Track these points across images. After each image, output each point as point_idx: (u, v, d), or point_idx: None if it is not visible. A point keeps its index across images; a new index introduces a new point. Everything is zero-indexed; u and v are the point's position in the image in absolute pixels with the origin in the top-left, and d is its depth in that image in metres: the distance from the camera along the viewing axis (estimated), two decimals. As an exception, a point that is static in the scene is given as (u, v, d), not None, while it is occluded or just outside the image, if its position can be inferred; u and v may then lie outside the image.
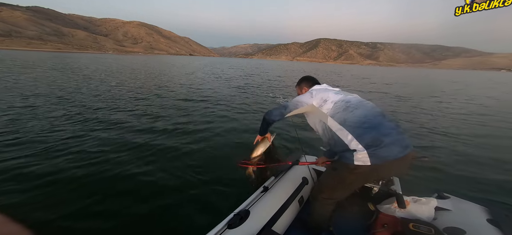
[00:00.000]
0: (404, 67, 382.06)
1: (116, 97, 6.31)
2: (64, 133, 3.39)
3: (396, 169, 1.07)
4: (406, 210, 1.28)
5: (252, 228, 1.10)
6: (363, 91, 11.20)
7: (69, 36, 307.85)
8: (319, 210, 1.25)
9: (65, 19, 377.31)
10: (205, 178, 2.36)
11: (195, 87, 9.30)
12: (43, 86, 7.44)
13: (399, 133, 1.01)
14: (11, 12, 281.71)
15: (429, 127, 4.81)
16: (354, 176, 1.05)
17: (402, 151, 0.97)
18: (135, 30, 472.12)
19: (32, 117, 4.07)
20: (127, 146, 3.05)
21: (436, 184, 2.40)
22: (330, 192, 1.18)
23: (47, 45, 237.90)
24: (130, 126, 3.94)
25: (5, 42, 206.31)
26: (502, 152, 3.48)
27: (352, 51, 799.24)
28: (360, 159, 0.99)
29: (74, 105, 5.10)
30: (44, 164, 2.47)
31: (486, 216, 1.17)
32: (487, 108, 7.51)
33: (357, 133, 1.01)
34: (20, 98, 5.46)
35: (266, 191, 1.40)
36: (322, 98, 1.16)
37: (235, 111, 5.47)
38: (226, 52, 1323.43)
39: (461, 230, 1.08)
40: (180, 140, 3.39)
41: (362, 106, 1.09)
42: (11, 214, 0.36)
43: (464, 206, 1.30)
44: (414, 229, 1.14)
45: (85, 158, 2.65)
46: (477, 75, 57.01)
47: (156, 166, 2.57)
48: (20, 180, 2.18)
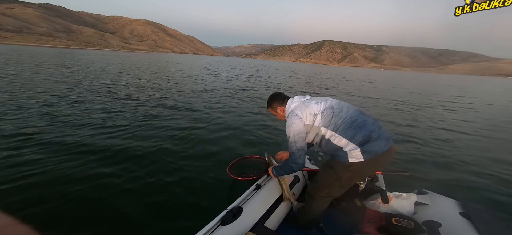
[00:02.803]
0: (409, 71, 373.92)
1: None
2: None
3: (382, 163, 1.13)
4: (389, 205, 1.37)
5: (245, 224, 1.13)
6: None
7: (77, 33, 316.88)
8: (315, 208, 1.29)
9: (75, 16, 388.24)
10: (194, 175, 2.37)
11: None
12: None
13: (380, 128, 1.11)
14: (24, 9, 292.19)
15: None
16: (350, 173, 1.12)
17: (387, 144, 1.07)
18: (141, 28, 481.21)
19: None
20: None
21: (416, 180, 2.55)
22: (327, 190, 1.22)
23: (56, 41, 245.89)
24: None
25: (15, 37, 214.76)
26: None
27: (356, 53, 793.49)
28: (354, 156, 1.07)
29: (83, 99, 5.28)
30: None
31: (459, 209, 1.28)
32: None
33: (350, 134, 1.08)
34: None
35: (258, 188, 1.43)
36: (310, 114, 1.19)
37: (222, 110, 5.32)
38: (230, 52, 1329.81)
39: (437, 223, 1.18)
40: (174, 139, 3.38)
41: (344, 109, 1.17)
42: (19, 216, 0.35)
43: (440, 201, 1.41)
44: (396, 223, 1.23)
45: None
46: (484, 81, 51.10)
47: (147, 162, 2.56)
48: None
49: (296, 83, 14.57)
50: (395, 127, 5.03)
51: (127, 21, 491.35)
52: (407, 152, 3.50)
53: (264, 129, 4.22)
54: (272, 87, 11.25)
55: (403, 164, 3.04)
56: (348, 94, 10.69)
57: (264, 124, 4.47)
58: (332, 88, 12.66)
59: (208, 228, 1.08)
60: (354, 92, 11.67)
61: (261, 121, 4.71)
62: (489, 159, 3.44)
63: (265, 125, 4.45)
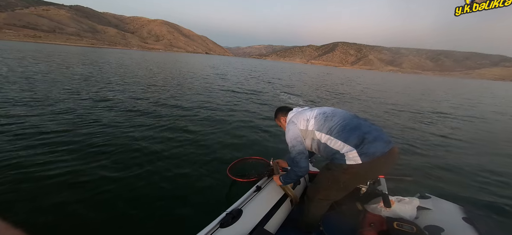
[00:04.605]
0: (430, 76, 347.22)
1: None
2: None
3: (383, 166, 1.12)
4: (391, 210, 1.35)
5: (244, 227, 1.11)
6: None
7: (102, 33, 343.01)
8: (313, 210, 1.31)
9: (100, 17, 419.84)
10: (192, 176, 2.34)
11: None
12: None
13: (377, 130, 1.12)
14: (57, 10, 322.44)
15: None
16: (347, 175, 1.13)
17: (386, 145, 1.07)
18: (158, 28, 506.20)
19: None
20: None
21: (419, 185, 2.57)
22: (326, 193, 1.24)
23: (82, 41, 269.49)
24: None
25: (49, 37, 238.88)
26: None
27: (372, 56, 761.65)
28: (352, 158, 1.08)
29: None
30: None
31: (462, 214, 1.28)
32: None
33: (344, 136, 1.11)
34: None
35: (258, 190, 1.43)
36: (303, 119, 1.25)
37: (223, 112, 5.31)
38: (241, 52, 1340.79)
39: (440, 228, 1.17)
40: (172, 138, 3.38)
41: (337, 113, 1.21)
42: (12, 219, 0.35)
43: (443, 206, 1.41)
44: (398, 228, 1.20)
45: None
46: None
47: (145, 163, 2.53)
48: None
49: (295, 83, 14.99)
50: (398, 131, 5.02)
51: (146, 22, 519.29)
52: (411, 156, 3.56)
53: (266, 132, 4.16)
54: (265, 84, 11.89)
55: (406, 168, 3.05)
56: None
57: (266, 129, 4.43)
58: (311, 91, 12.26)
59: (206, 231, 1.06)
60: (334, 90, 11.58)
61: (266, 126, 4.66)
62: (493, 164, 3.48)
63: (267, 130, 4.35)
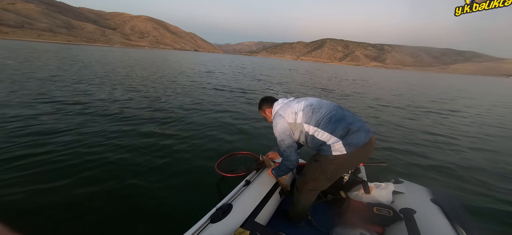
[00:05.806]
0: (411, 71, 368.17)
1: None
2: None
3: (364, 155, 1.16)
4: (370, 195, 1.44)
5: (235, 220, 1.13)
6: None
7: (78, 29, 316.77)
8: (303, 201, 1.34)
9: (75, 12, 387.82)
10: (181, 173, 2.35)
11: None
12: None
13: (359, 121, 1.17)
14: (25, 4, 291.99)
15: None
16: (334, 165, 1.17)
17: (367, 135, 1.12)
18: (142, 25, 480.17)
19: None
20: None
21: (393, 170, 2.78)
22: (314, 184, 1.27)
23: (57, 37, 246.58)
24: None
25: (17, 33, 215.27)
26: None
27: (358, 52, 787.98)
28: (337, 149, 1.12)
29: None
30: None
31: (430, 196, 1.40)
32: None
33: (330, 128, 1.14)
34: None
35: (248, 184, 1.47)
36: (291, 112, 1.26)
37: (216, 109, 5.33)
38: (231, 49, 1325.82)
39: (413, 210, 1.28)
40: (163, 133, 3.43)
41: (323, 105, 1.24)
42: (12, 224, 0.39)
43: (414, 189, 1.53)
44: (377, 212, 1.32)
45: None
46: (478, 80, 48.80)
47: (132, 157, 2.56)
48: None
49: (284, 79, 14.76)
50: (375, 120, 5.45)
51: (128, 17, 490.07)
52: (385, 142, 3.91)
53: (255, 128, 4.17)
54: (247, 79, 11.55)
55: (381, 154, 3.35)
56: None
57: (254, 125, 4.42)
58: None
59: (197, 227, 1.07)
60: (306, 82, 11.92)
61: (254, 122, 4.60)
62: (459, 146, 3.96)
63: (255, 125, 4.35)
